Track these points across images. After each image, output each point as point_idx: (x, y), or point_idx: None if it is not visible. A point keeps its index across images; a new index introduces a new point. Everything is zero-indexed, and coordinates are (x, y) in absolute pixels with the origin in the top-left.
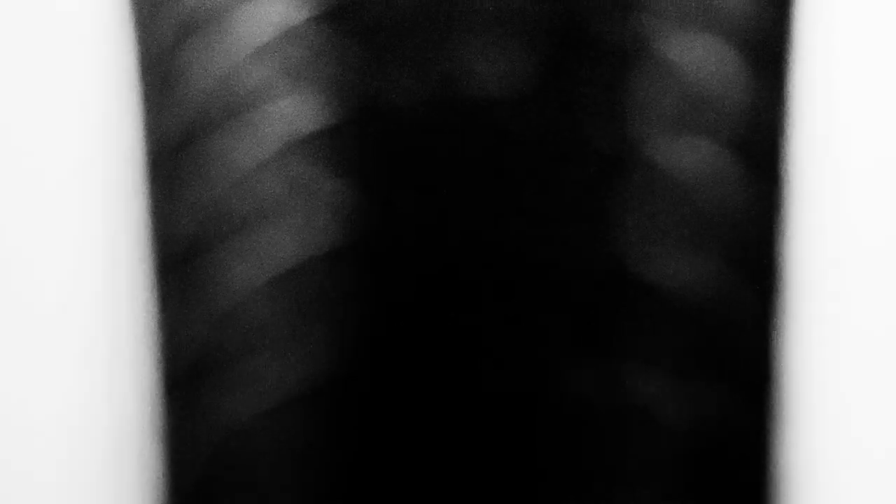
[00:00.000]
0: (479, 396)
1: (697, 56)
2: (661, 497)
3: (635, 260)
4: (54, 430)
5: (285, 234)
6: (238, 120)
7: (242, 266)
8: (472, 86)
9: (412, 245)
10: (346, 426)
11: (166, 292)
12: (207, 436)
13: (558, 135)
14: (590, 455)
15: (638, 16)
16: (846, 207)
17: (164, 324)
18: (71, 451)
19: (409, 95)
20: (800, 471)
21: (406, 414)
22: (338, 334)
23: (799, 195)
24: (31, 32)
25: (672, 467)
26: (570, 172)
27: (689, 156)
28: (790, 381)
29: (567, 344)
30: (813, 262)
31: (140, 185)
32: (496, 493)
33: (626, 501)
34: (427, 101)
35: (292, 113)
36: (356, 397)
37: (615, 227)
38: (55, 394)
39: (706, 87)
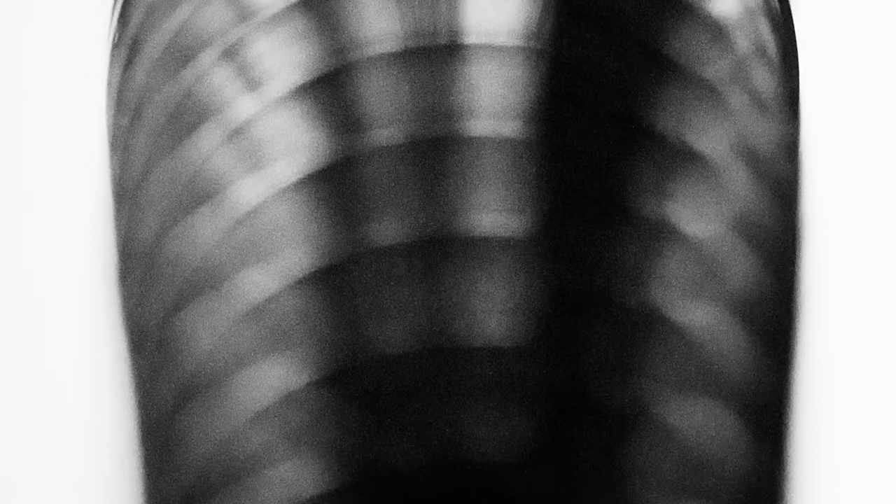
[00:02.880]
0: None
1: (697, 421)
2: None
3: None
4: None
5: None
6: (238, 485)
7: None
8: (472, 450)
9: None
10: None
11: None
12: None
13: (558, 499)
14: None
15: (637, 380)
16: None
17: None
18: None
19: (409, 460)
20: None
21: None
22: None
23: None
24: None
25: None
26: None
27: None
28: None
29: None
30: None
31: None
32: None
33: None
34: (427, 465)
35: (292, 477)
36: None
37: None
38: None
39: (706, 452)
